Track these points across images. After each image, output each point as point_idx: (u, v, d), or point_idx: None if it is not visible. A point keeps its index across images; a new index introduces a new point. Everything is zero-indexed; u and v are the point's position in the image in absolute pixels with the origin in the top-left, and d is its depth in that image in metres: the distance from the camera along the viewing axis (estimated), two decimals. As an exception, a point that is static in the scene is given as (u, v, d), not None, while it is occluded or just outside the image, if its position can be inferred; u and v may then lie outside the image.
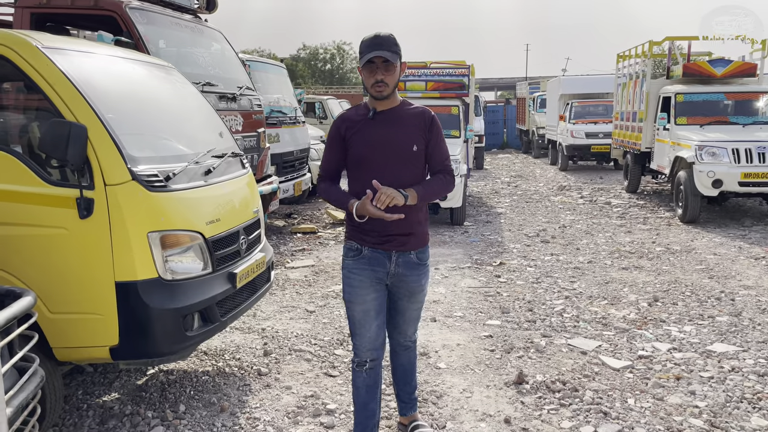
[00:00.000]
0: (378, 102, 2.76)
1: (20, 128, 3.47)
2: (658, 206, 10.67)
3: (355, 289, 2.80)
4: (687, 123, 9.95)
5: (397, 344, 3.07)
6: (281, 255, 7.33)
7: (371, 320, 2.81)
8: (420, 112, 2.82)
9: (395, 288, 2.87)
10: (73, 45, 3.44)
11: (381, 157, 2.72)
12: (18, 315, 2.12)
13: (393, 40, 2.68)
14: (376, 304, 2.81)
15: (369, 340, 2.83)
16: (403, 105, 2.83)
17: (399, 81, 2.74)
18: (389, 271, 2.80)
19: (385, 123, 2.75)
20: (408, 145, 2.74)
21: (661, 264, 6.79)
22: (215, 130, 4.11)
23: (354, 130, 2.76)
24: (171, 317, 2.96)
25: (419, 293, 2.92)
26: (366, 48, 2.65)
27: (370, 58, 2.63)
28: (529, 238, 8.32)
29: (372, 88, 2.69)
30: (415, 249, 2.83)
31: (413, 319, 3.01)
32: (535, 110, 22.19)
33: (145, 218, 2.92)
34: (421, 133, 2.78)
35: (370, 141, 2.73)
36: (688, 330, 4.74)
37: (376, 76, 2.66)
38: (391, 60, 2.64)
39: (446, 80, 10.40)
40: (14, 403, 2.09)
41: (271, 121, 8.36)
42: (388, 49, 2.64)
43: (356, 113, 2.82)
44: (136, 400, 3.62)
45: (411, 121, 2.78)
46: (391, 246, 2.77)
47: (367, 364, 2.86)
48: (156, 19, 5.80)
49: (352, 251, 2.82)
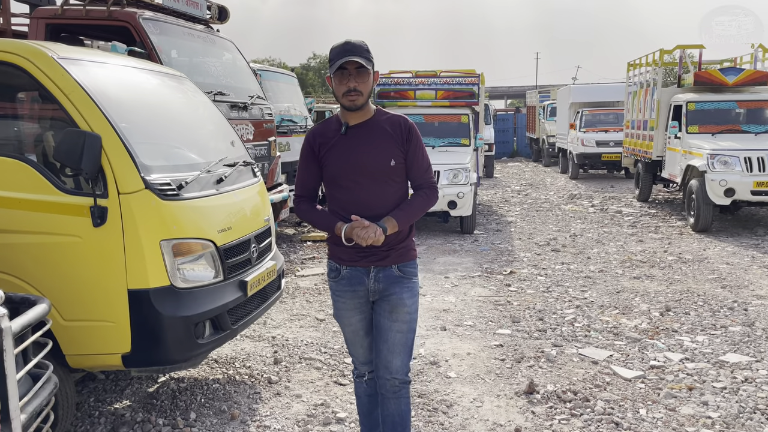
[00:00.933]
0: (350, 114, 2.54)
1: (35, 137, 3.53)
2: (670, 215, 10.60)
3: (340, 311, 2.70)
4: (698, 131, 9.90)
5: (384, 384, 2.65)
6: (291, 263, 7.35)
7: (361, 339, 2.72)
8: (396, 121, 2.60)
9: (377, 306, 2.64)
10: (88, 55, 3.48)
11: (358, 175, 2.53)
12: (33, 322, 2.15)
13: (365, 47, 2.49)
14: (364, 324, 2.69)
15: (363, 356, 2.76)
16: (377, 116, 2.60)
17: (372, 92, 2.55)
18: (369, 287, 2.60)
19: (359, 138, 2.55)
20: (385, 160, 2.53)
21: (673, 273, 6.74)
22: (227, 139, 4.14)
23: (327, 146, 2.56)
24: (182, 325, 2.98)
25: (401, 309, 2.59)
26: (337, 54, 2.44)
27: (342, 65, 2.42)
28: (539, 246, 8.29)
29: (344, 97, 2.48)
30: (396, 263, 2.60)
31: (398, 346, 2.61)
32: (546, 119, 22.16)
33: (157, 226, 2.95)
34: (398, 144, 2.55)
35: (344, 159, 2.53)
36: (701, 340, 4.70)
37: (349, 84, 2.45)
38: (365, 65, 2.44)
39: (456, 89, 10.42)
40: (28, 409, 2.10)
41: (282, 129, 8.41)
42: (361, 55, 2.43)
43: (328, 128, 2.61)
44: (147, 407, 3.63)
45: (386, 133, 2.55)
46: (368, 261, 2.57)
47: (365, 375, 2.80)
48: (169, 30, 5.87)
49: (332, 272, 2.67)
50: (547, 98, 23.49)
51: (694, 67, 11.33)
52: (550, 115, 21.66)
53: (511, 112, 30.13)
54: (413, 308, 2.64)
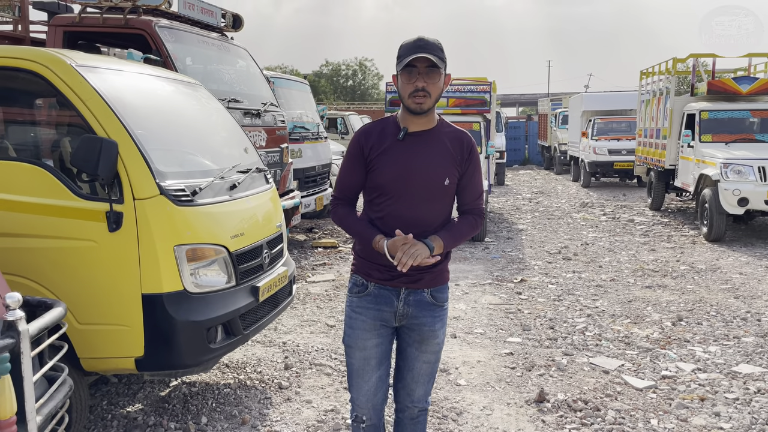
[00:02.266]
0: (412, 119, 2.29)
1: (53, 143, 3.58)
2: (683, 224, 10.54)
3: (355, 331, 2.40)
4: (712, 140, 9.85)
5: (404, 410, 2.53)
6: (302, 269, 7.38)
7: (371, 370, 2.41)
8: (458, 136, 2.36)
9: (404, 332, 2.44)
10: (105, 63, 3.54)
11: (405, 188, 2.28)
12: (50, 325, 2.19)
13: (439, 45, 2.23)
14: (378, 352, 2.40)
15: (366, 395, 2.44)
16: (440, 126, 2.35)
17: (440, 96, 2.28)
18: (397, 310, 2.37)
19: (417, 147, 2.29)
20: (439, 178, 2.29)
21: (685, 283, 6.70)
22: (240, 145, 4.19)
23: (379, 150, 2.30)
24: (195, 329, 3.01)
25: (431, 340, 2.41)
26: (407, 50, 2.19)
27: (411, 61, 2.18)
28: (550, 255, 8.27)
29: (410, 98, 2.22)
30: (429, 287, 2.38)
31: (424, 376, 2.46)
32: (558, 126, 22.12)
33: (171, 232, 2.99)
34: (457, 163, 2.32)
35: (396, 167, 2.28)
36: (713, 350, 4.67)
37: (417, 83, 2.19)
38: (436, 65, 2.19)
39: (468, 96, 10.44)
40: (44, 411, 2.14)
41: (294, 136, 8.47)
42: (434, 52, 2.18)
43: (383, 130, 2.34)
44: (159, 411, 3.66)
45: (446, 148, 2.32)
46: (400, 282, 2.34)
47: (363, 423, 2.49)
48: (184, 38, 5.94)
49: (357, 287, 2.42)
50: (558, 106, 23.46)
51: (708, 75, 11.29)
52: (562, 123, 21.61)
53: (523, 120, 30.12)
54: (442, 338, 2.45)
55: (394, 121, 2.35)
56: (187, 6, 6.09)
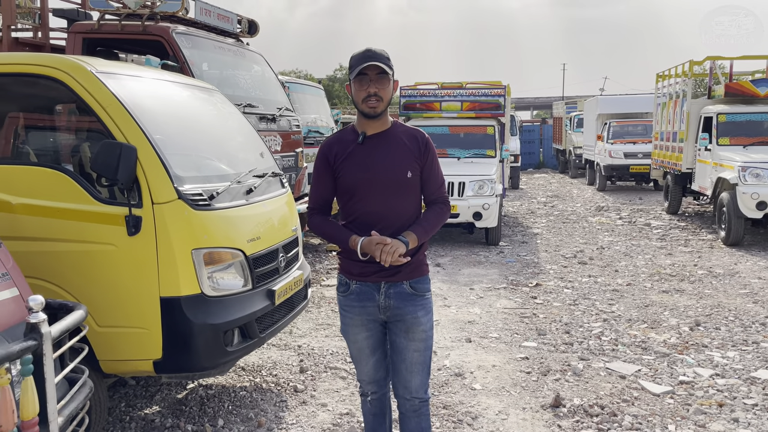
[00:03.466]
0: (368, 123, 2.51)
1: (73, 148, 3.64)
2: (700, 228, 10.43)
3: (346, 327, 2.65)
4: (730, 143, 9.75)
5: (404, 403, 2.65)
6: (317, 273, 7.40)
7: (366, 357, 2.65)
8: (413, 133, 2.57)
9: (391, 325, 2.59)
10: (124, 69, 3.59)
11: (373, 186, 2.48)
12: (71, 328, 2.22)
13: (386, 54, 2.46)
14: (370, 343, 2.62)
15: (368, 374, 2.69)
16: (395, 127, 2.57)
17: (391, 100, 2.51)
18: (379, 304, 2.54)
19: (376, 148, 2.51)
20: (402, 171, 2.49)
21: (703, 287, 6.63)
22: (256, 150, 4.22)
23: (342, 156, 2.51)
24: (212, 332, 3.04)
25: (416, 327, 2.54)
26: (357, 60, 2.42)
27: (362, 70, 2.40)
28: (566, 259, 8.23)
29: (363, 103, 2.44)
30: (408, 279, 2.54)
31: (417, 366, 2.58)
32: (572, 130, 22.00)
33: (189, 236, 3.02)
34: (415, 157, 2.52)
35: (360, 169, 2.48)
36: (732, 356, 4.61)
37: (369, 89, 2.41)
38: (385, 71, 2.42)
39: (482, 100, 10.43)
40: (65, 412, 2.17)
41: (309, 141, 8.51)
42: (381, 61, 2.41)
43: (343, 138, 2.57)
44: (176, 413, 3.70)
45: (404, 145, 2.52)
46: (378, 277, 2.51)
47: (369, 395, 2.74)
48: (200, 44, 6.01)
49: (342, 286, 2.63)
50: (573, 109, 23.33)
51: (725, 78, 11.18)
52: (577, 127, 21.49)
53: (537, 123, 29.98)
54: (428, 326, 2.58)
55: (353, 128, 2.58)
56: (203, 12, 6.17)
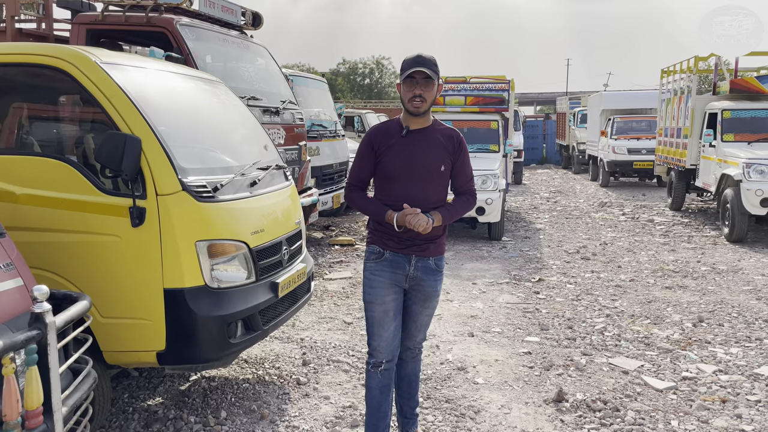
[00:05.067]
0: (412, 119, 2.87)
1: (77, 139, 3.63)
2: (704, 225, 10.41)
3: (375, 290, 2.92)
4: (734, 140, 9.72)
5: (405, 350, 3.11)
6: (319, 266, 7.40)
7: (390, 321, 2.92)
8: (449, 133, 2.94)
9: (412, 292, 2.99)
10: (129, 60, 3.58)
11: (410, 174, 2.85)
12: (75, 318, 2.22)
13: (434, 61, 2.81)
14: (395, 306, 2.94)
15: (386, 341, 2.94)
16: (434, 125, 2.94)
17: (435, 101, 2.86)
18: (408, 274, 2.93)
19: (417, 142, 2.87)
20: (436, 165, 2.86)
21: (706, 284, 6.62)
22: (260, 142, 4.21)
23: (387, 145, 2.87)
24: (216, 324, 3.04)
25: (433, 298, 3.02)
26: (408, 64, 2.78)
27: (411, 73, 2.75)
28: (569, 254, 8.22)
29: (409, 102, 2.80)
30: (433, 255, 2.96)
31: (424, 325, 3.10)
32: (576, 125, 21.94)
33: (193, 227, 3.01)
34: (449, 154, 2.90)
35: (401, 159, 2.85)
36: (735, 352, 4.61)
37: (415, 90, 2.77)
38: (431, 77, 2.76)
39: (486, 95, 10.40)
40: (69, 402, 2.17)
41: (312, 134, 8.50)
42: (429, 67, 2.76)
43: (390, 129, 2.93)
44: (179, 405, 3.70)
45: (440, 142, 2.89)
46: (411, 251, 2.90)
47: (382, 365, 2.96)
48: (204, 35, 5.99)
49: (374, 254, 2.95)
50: (577, 105, 23.26)
51: (730, 74, 11.12)
52: (581, 122, 21.43)
53: (541, 119, 29.91)
54: (439, 296, 3.09)
55: (398, 122, 2.93)
56: (207, 4, 6.15)
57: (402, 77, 2.80)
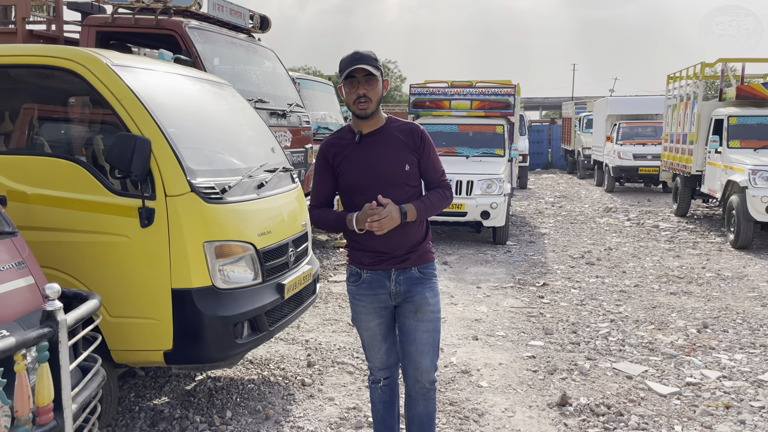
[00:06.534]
0: (363, 123, 2.61)
1: (87, 140, 3.67)
2: (709, 231, 10.39)
3: (359, 315, 2.72)
4: (740, 146, 9.71)
5: (414, 385, 2.73)
6: (324, 269, 7.43)
7: (379, 344, 2.75)
8: (409, 128, 2.66)
9: (400, 308, 2.69)
10: (139, 62, 3.62)
11: (373, 182, 2.56)
12: (86, 316, 2.25)
13: (373, 56, 2.55)
14: (382, 329, 2.72)
15: (380, 360, 2.79)
16: (389, 123, 2.67)
17: (382, 99, 2.61)
18: (391, 291, 2.64)
19: (373, 145, 2.61)
20: (400, 165, 2.59)
21: (711, 290, 6.62)
22: (267, 145, 4.24)
23: (341, 156, 2.62)
24: (222, 324, 3.07)
25: (425, 308, 2.64)
26: (346, 64, 2.52)
27: (350, 73, 2.50)
28: (573, 259, 8.22)
29: (354, 105, 2.54)
30: (416, 265, 2.65)
31: (427, 346, 2.66)
32: (582, 130, 21.93)
33: (201, 228, 3.05)
34: (412, 150, 2.62)
35: (359, 167, 2.59)
36: (739, 358, 4.61)
37: (358, 90, 2.51)
38: (373, 73, 2.51)
39: (491, 99, 10.42)
40: (79, 399, 2.20)
41: (318, 137, 8.53)
42: (368, 63, 2.50)
43: (342, 138, 2.68)
44: (185, 404, 3.73)
45: (399, 140, 2.62)
46: (389, 265, 2.63)
47: (381, 381, 2.83)
48: (212, 38, 6.04)
49: (353, 276, 2.71)
50: (583, 110, 23.26)
51: (737, 80, 11.11)
52: (586, 127, 21.42)
53: (546, 124, 29.89)
54: (437, 307, 2.68)
55: (349, 128, 2.69)
56: (216, 7, 6.20)
57: (341, 78, 2.52)
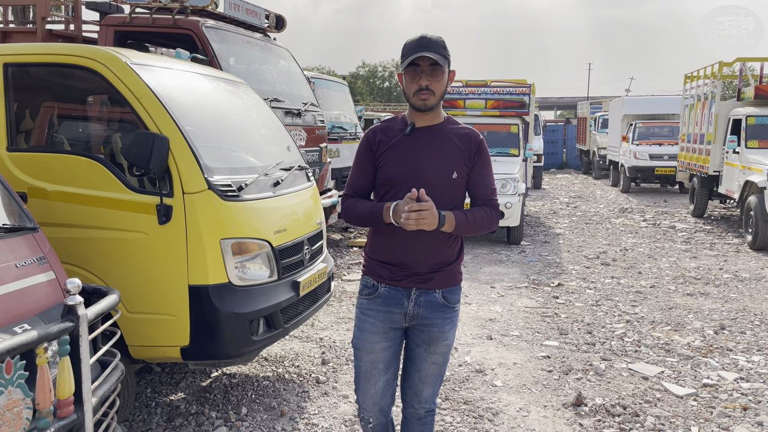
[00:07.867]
0: (418, 115, 2.31)
1: (106, 138, 3.71)
2: (726, 232, 10.28)
3: (364, 334, 2.38)
4: (758, 146, 9.60)
5: (411, 410, 2.51)
6: (338, 268, 7.45)
7: (378, 374, 2.39)
8: (466, 133, 2.36)
9: (413, 333, 2.40)
10: (157, 61, 3.65)
11: (412, 182, 2.23)
12: (105, 311, 2.28)
13: (442, 42, 2.24)
14: (387, 355, 2.38)
15: (373, 398, 2.43)
16: (447, 123, 2.37)
17: (446, 92, 2.31)
18: (407, 311, 2.34)
19: (424, 142, 2.31)
20: (447, 170, 2.28)
21: (728, 291, 6.55)
22: (283, 143, 4.27)
23: (386, 146, 2.32)
24: (238, 321, 3.09)
25: (440, 342, 2.37)
26: (410, 50, 2.21)
27: (414, 60, 2.19)
28: (588, 260, 8.17)
29: (414, 96, 2.24)
30: (441, 287, 2.35)
31: (431, 377, 2.43)
32: (597, 130, 21.80)
33: (218, 226, 3.07)
34: (465, 158, 2.31)
35: (403, 161, 2.29)
36: (757, 360, 4.56)
37: (421, 81, 2.21)
38: (439, 63, 2.20)
39: (506, 99, 10.39)
40: (98, 393, 2.23)
41: (332, 136, 8.56)
42: (435, 51, 2.20)
43: (391, 126, 2.38)
44: (200, 400, 3.76)
45: (454, 143, 2.31)
46: (410, 282, 2.32)
47: (371, 423, 2.50)
48: (229, 38, 6.07)
49: (367, 288, 2.41)
50: (598, 110, 23.12)
51: (755, 80, 11.00)
52: (602, 127, 21.29)
53: (561, 123, 29.73)
54: (452, 341, 2.43)
55: (402, 118, 2.39)
56: (232, 7, 6.23)
57: (403, 66, 2.22)
